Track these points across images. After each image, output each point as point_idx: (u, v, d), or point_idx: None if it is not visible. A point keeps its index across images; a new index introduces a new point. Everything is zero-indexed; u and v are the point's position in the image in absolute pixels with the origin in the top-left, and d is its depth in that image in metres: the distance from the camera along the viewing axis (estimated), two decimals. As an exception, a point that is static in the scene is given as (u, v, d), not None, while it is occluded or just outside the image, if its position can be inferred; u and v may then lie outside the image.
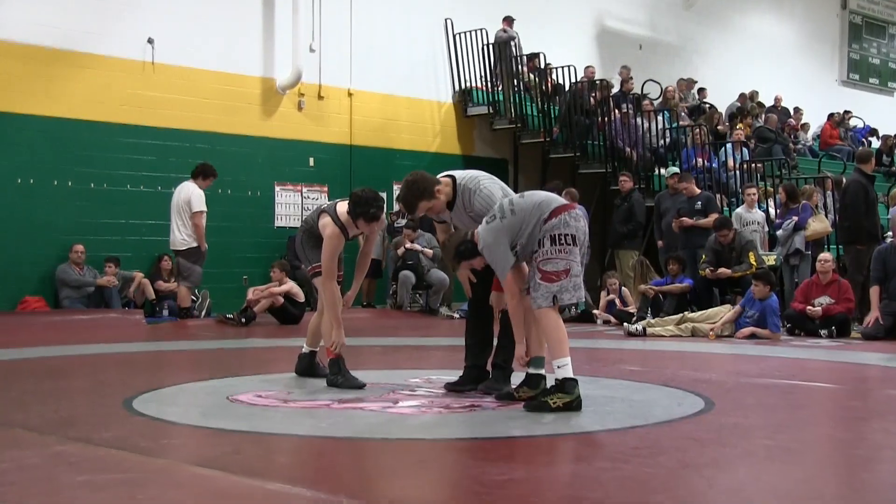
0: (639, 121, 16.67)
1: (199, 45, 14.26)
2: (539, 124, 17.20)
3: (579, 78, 17.29)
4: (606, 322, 12.88)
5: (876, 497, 3.96)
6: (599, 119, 16.86)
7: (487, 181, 6.13)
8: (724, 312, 11.47)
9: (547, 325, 5.65)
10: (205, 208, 12.31)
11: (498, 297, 6.16)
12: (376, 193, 6.61)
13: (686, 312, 11.87)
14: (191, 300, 12.54)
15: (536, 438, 4.97)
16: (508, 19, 17.65)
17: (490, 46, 17.19)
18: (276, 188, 15.16)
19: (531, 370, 5.96)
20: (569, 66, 16.98)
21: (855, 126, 24.01)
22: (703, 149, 16.25)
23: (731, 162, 16.28)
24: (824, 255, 11.88)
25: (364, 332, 10.87)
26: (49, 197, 13.01)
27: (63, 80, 13.13)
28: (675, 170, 14.46)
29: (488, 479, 3.98)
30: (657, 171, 16.13)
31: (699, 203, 13.60)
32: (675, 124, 17.22)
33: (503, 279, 5.75)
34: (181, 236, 12.28)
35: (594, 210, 15.89)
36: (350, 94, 16.01)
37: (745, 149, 16.82)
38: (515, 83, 17.21)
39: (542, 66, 17.50)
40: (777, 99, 22.77)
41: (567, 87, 17.10)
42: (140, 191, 13.72)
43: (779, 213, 13.96)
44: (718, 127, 18.31)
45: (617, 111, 16.82)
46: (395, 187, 15.34)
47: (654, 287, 12.79)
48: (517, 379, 6.14)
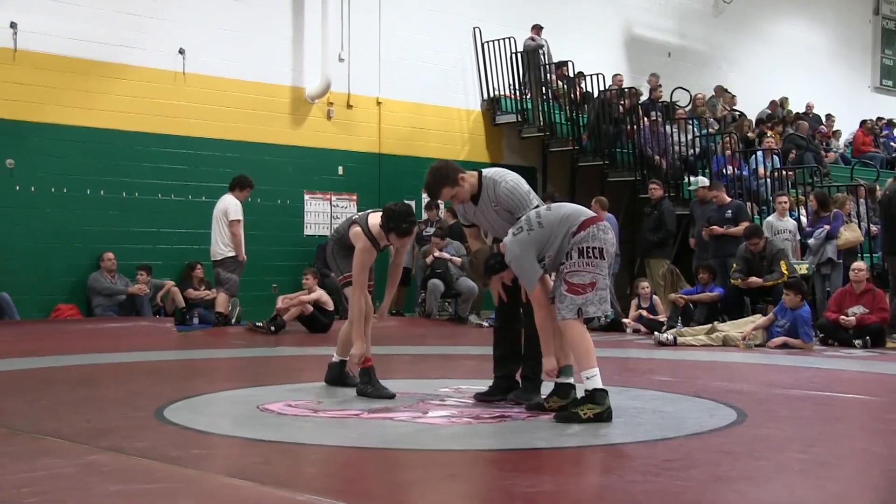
0: (668, 128, 16.61)
1: (229, 55, 14.34)
2: (568, 132, 17.16)
3: (608, 86, 17.24)
4: (636, 331, 12.81)
5: (912, 512, 3.90)
6: (628, 127, 16.80)
7: (512, 175, 6.19)
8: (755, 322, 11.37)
9: (572, 337, 5.65)
10: (241, 217, 12.62)
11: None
12: (409, 208, 6.62)
13: (716, 322, 11.79)
14: (227, 307, 12.72)
15: (566, 450, 4.95)
16: (537, 27, 17.62)
17: (518, 54, 17.17)
18: (306, 196, 15.19)
19: (560, 379, 5.94)
20: (597, 74, 16.94)
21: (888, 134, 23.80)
22: (733, 157, 16.16)
23: (761, 170, 16.18)
24: (858, 265, 11.77)
25: (393, 341, 10.87)
26: (81, 206, 13.11)
27: (95, 90, 13.23)
28: (705, 181, 14.32)
29: (518, 491, 3.96)
30: (687, 179, 16.05)
31: (729, 211, 13.52)
32: (704, 131, 17.14)
33: (531, 291, 5.74)
34: (218, 246, 12.62)
35: (623, 218, 15.84)
36: (379, 103, 16.03)
37: (775, 156, 16.71)
38: (544, 91, 17.18)
39: (570, 74, 17.46)
40: (808, 106, 22.62)
41: (596, 95, 17.06)
42: (171, 200, 13.79)
43: (810, 221, 13.86)
44: (748, 134, 18.21)
45: (646, 119, 16.76)
46: (425, 196, 15.35)
47: (684, 296, 12.72)
48: (547, 389, 6.12)
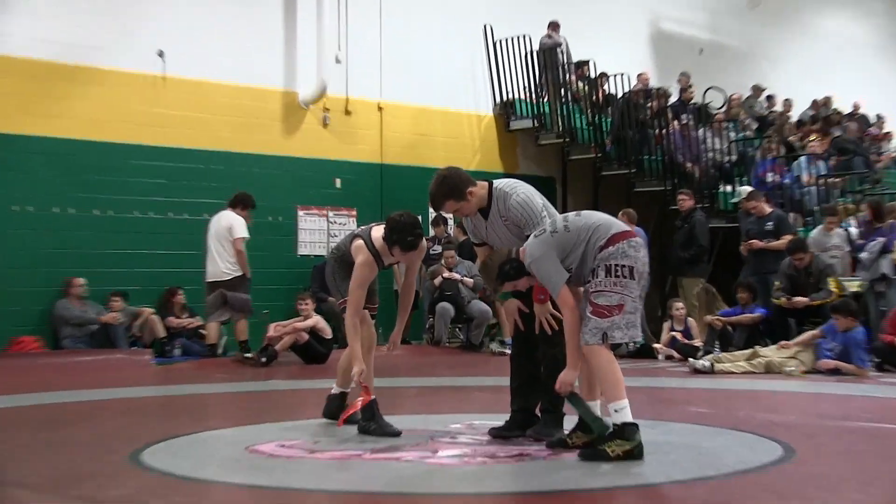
0: (701, 132, 16.58)
1: (214, 57, 14.34)
2: (589, 138, 17.15)
3: (633, 86, 17.23)
4: (669, 357, 12.76)
5: None
6: (656, 131, 16.78)
7: (525, 187, 6.16)
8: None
9: (598, 365, 5.60)
10: (247, 235, 12.67)
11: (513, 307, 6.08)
12: (416, 219, 6.60)
13: (758, 346, 11.73)
14: (245, 334, 12.72)
15: (593, 492, 4.91)
16: (554, 24, 17.63)
17: (534, 54, 17.18)
18: (300, 212, 15.17)
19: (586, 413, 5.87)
20: (621, 74, 16.94)
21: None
22: (773, 163, 16.12)
23: (805, 176, 16.12)
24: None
25: (398, 372, 10.81)
26: (48, 225, 13.08)
27: (64, 96, 13.23)
28: (748, 188, 14.29)
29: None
30: (722, 189, 16.01)
31: (770, 223, 13.46)
32: (741, 135, 17.11)
33: (556, 294, 5.67)
34: (223, 266, 12.60)
35: (652, 233, 15.78)
36: (380, 108, 16.04)
37: (821, 162, 16.65)
38: (563, 93, 17.18)
39: (591, 74, 17.46)
40: (855, 105, 22.56)
41: (620, 97, 17.05)
42: (149, 218, 13.77)
43: (862, 232, 13.78)
44: (790, 138, 18.18)
45: (676, 122, 16.73)
46: (432, 212, 15.33)
47: (722, 318, 12.65)
48: (571, 423, 6.06)
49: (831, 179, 16.15)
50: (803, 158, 16.52)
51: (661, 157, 16.59)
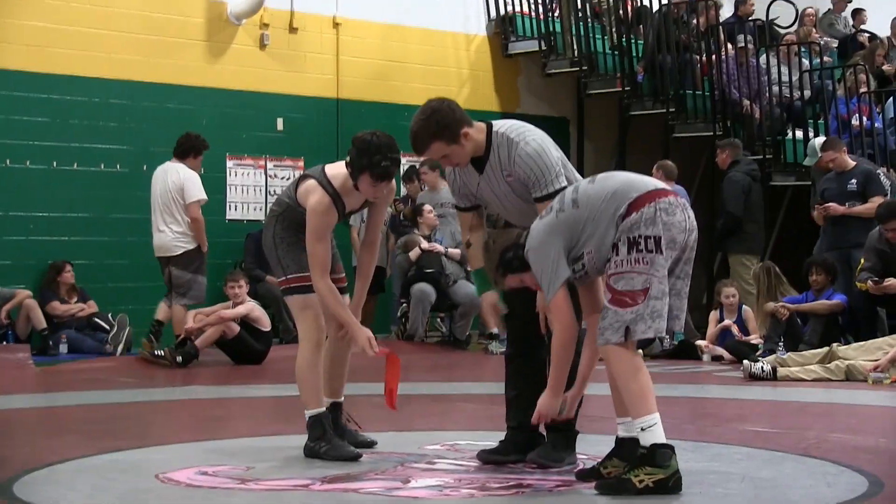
0: (763, 60, 16.58)
1: (112, -47, 14.30)
2: (614, 67, 17.15)
3: (674, -3, 17.22)
4: (717, 358, 12.80)
5: None
6: (703, 58, 16.77)
7: (537, 133, 6.18)
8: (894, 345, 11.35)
9: (621, 370, 5.63)
10: (204, 196, 12.65)
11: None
12: (391, 140, 6.58)
13: (836, 344, 11.76)
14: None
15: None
16: (567, -88, 17.63)
17: (542, -48, 17.19)
18: (229, 163, 15.15)
19: (623, 433, 5.90)
20: (658, -20, 16.95)
21: None
22: (860, 101, 16.13)
23: (902, 120, 16.16)
24: None
25: (358, 375, 10.80)
26: None
27: None
28: (815, 143, 14.27)
29: None
30: (790, 135, 16.01)
31: (854, 181, 13.47)
32: (817, 63, 17.10)
33: (548, 298, 5.71)
34: (173, 236, 12.56)
35: (697, 192, 15.83)
36: (336, 25, 16.00)
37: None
38: (579, 6, 17.16)
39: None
40: (969, 26, 22.58)
41: (655, 11, 17.03)
42: (25, 168, 13.71)
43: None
44: (884, 67, 18.16)
45: (730, 46, 16.73)
46: (405, 160, 15.30)
47: (789, 305, 12.67)
48: (596, 444, 6.09)
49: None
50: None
51: (710, 92, 16.59)
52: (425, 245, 14.36)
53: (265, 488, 5.85)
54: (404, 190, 15.34)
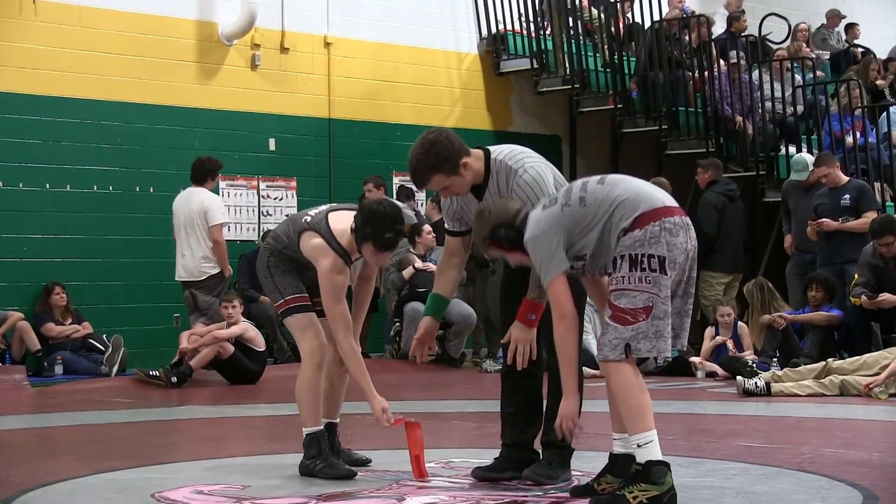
0: (756, 75, 16.62)
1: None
2: (607, 84, 17.17)
3: (665, 13, 17.24)
4: (712, 375, 12.81)
5: None
6: (696, 74, 16.81)
7: (535, 159, 6.20)
8: (890, 360, 11.36)
9: (619, 386, 5.64)
10: (227, 219, 12.96)
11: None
12: (397, 210, 6.62)
13: (831, 359, 11.76)
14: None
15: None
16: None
17: (533, -30, 17.23)
18: (222, 184, 15.10)
19: (619, 449, 5.92)
20: (650, -3, 16.99)
21: None
22: (853, 116, 16.14)
23: (895, 133, 16.17)
24: None
25: (354, 394, 10.82)
26: None
27: None
28: (807, 159, 14.25)
29: None
30: (783, 151, 16.02)
31: (847, 196, 13.49)
32: (810, 78, 17.11)
33: (545, 284, 5.69)
34: (197, 262, 12.74)
35: (689, 208, 15.81)
36: (327, 44, 16.01)
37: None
38: (571, 24, 17.20)
39: (610, -3, 17.52)
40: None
41: (647, 28, 17.06)
42: (18, 190, 13.71)
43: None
44: (877, 82, 18.19)
45: (722, 62, 16.76)
46: (396, 180, 15.35)
47: (787, 316, 12.65)
48: (590, 460, 6.12)
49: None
50: (894, 109, 16.57)
51: (703, 109, 16.63)
52: (419, 264, 14.38)
53: (262, 507, 5.87)
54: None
